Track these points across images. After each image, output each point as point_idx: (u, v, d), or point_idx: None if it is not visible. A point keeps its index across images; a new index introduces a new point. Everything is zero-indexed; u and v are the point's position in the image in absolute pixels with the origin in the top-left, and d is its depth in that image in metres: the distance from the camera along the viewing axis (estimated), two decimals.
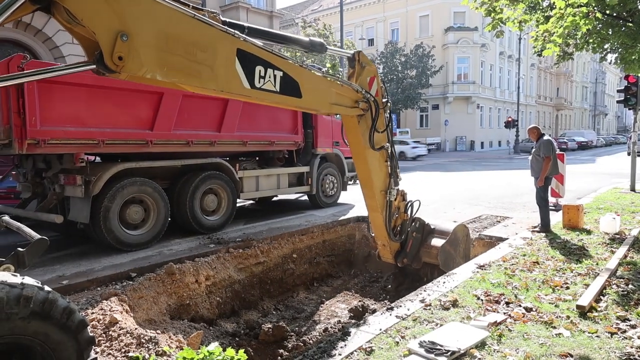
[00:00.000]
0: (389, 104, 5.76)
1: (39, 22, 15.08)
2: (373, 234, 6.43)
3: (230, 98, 6.50)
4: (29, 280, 2.53)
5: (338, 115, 7.05)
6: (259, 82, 3.96)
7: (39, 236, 3.10)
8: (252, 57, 3.85)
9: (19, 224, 3.63)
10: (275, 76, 4.09)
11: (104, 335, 4.05)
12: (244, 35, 3.88)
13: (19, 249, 2.95)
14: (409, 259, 6.17)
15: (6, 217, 3.79)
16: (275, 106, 6.61)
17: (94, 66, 3.02)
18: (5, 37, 15.05)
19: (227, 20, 4.02)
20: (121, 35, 2.96)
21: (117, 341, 3.94)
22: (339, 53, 6.16)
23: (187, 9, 3.32)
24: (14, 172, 7.84)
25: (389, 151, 5.79)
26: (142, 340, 3.91)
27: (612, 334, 3.72)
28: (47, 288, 2.56)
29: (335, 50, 5.89)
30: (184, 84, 3.55)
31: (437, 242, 6.09)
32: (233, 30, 3.75)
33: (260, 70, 3.93)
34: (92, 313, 4.38)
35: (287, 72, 4.20)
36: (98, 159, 7.48)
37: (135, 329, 4.14)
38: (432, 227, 6.38)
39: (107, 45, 2.94)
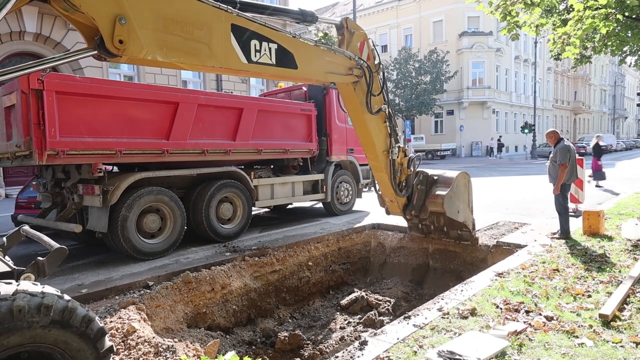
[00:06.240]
0: (381, 65, 5.76)
1: (57, 35, 15.46)
2: (380, 192, 6.50)
3: (229, 74, 6.57)
4: (49, 289, 2.56)
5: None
6: (255, 56, 4.01)
7: (58, 245, 3.14)
8: (246, 32, 3.89)
9: (38, 233, 3.69)
10: (270, 49, 4.13)
11: (122, 344, 4.07)
12: (236, 10, 3.90)
13: (39, 258, 2.99)
14: (416, 210, 6.22)
15: (26, 227, 3.86)
16: (273, 78, 6.78)
17: (95, 52, 3.07)
18: (26, 50, 15.46)
19: None
20: (120, 18, 3.01)
21: (135, 350, 3.96)
22: (328, 22, 6.25)
23: None
24: (34, 183, 8.00)
25: (387, 112, 5.81)
26: (160, 349, 3.92)
27: (637, 344, 3.61)
28: (66, 297, 2.59)
29: (324, 20, 5.93)
30: (184, 63, 3.59)
31: (441, 191, 6.16)
32: (225, 6, 3.78)
33: (255, 44, 3.98)
34: (111, 322, 4.41)
35: (282, 43, 4.23)
36: (115, 168, 7.59)
37: (153, 337, 4.16)
38: (435, 177, 6.46)
39: (106, 30, 2.99)
